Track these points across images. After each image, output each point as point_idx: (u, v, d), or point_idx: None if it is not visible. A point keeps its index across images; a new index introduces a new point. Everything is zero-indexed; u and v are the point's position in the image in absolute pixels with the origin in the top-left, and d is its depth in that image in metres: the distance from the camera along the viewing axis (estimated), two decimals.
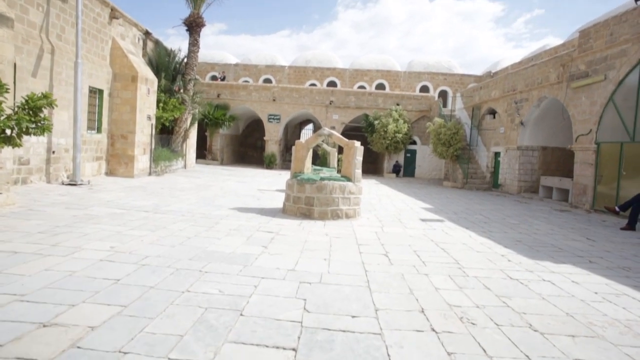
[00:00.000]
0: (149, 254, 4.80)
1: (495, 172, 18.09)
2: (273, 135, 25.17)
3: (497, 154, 18.03)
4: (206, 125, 23.96)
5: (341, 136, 8.76)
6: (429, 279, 4.56)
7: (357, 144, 8.58)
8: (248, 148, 31.05)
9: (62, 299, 3.23)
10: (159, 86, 15.80)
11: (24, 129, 6.38)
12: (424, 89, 30.44)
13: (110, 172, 13.57)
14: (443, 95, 30.26)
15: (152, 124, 14.78)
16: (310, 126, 34.21)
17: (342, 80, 30.93)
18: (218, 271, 4.34)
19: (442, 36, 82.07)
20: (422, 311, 3.51)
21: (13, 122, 6.31)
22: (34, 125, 6.52)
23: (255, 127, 29.56)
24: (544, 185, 14.63)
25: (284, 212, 8.72)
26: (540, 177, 15.42)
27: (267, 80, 30.85)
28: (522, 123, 15.56)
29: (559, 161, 16.00)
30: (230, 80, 29.92)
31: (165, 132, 17.92)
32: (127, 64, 13.34)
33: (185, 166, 19.24)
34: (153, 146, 15.11)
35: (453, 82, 30.67)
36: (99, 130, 12.92)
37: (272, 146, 25.16)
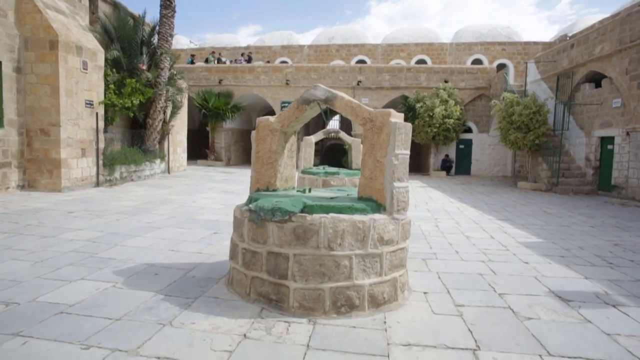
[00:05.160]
0: None
1: (603, 167, 12.18)
2: None
3: (605, 140, 12.12)
4: (204, 118, 19.54)
5: (354, 101, 3.70)
6: None
7: (396, 117, 3.48)
8: None
9: None
10: (108, 60, 11.35)
11: None
12: (477, 63, 24.37)
13: (29, 185, 9.27)
14: (501, 70, 24.07)
15: (97, 114, 10.35)
16: (337, 116, 29.09)
17: (373, 58, 25.51)
18: None
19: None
20: None
21: None
22: None
23: None
24: None
25: (230, 283, 3.79)
26: None
27: (283, 63, 26.03)
28: None
29: None
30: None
31: (139, 127, 13.56)
32: (42, 23, 8.93)
33: (168, 170, 14.83)
34: (103, 145, 10.70)
35: (514, 53, 24.34)
36: None
37: None
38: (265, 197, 3.60)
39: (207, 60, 22.85)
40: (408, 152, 3.55)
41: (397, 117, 3.48)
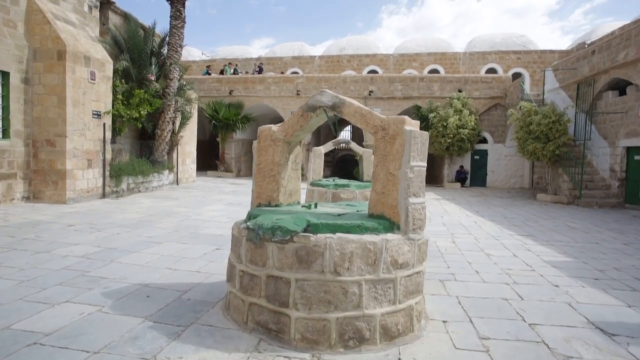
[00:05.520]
0: None
1: (630, 178, 11.53)
2: None
3: (632, 150, 11.50)
4: (214, 129, 19.46)
5: (364, 107, 3.37)
6: None
7: (411, 125, 3.12)
8: None
9: None
10: (118, 71, 11.30)
11: None
12: (491, 72, 23.88)
13: (35, 196, 9.13)
14: (516, 79, 23.51)
15: (104, 124, 10.24)
16: (348, 127, 28.85)
17: (385, 68, 25.26)
18: None
19: None
20: None
21: None
22: None
23: None
24: None
25: (226, 309, 3.44)
26: None
27: (294, 74, 25.95)
28: None
29: None
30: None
31: (147, 137, 13.46)
32: (51, 34, 8.89)
33: (177, 181, 14.67)
34: (110, 156, 10.56)
35: (529, 62, 23.79)
36: (5, 135, 8.51)
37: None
38: (265, 214, 3.25)
39: (222, 72, 22.88)
40: (425, 163, 3.18)
41: (412, 125, 3.12)
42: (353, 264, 2.83)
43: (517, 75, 23.75)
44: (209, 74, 22.52)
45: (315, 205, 3.75)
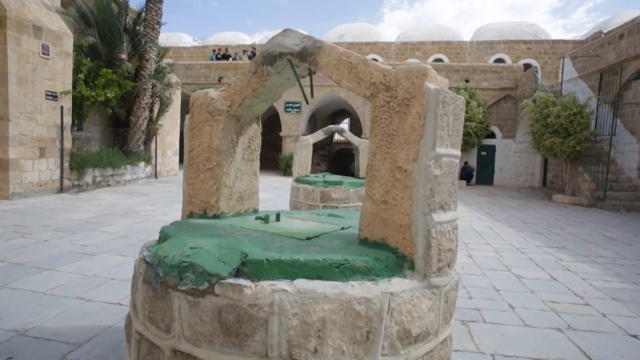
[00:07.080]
0: None
1: None
2: (292, 130, 18.73)
3: None
4: None
5: (354, 53, 2.10)
6: None
7: (436, 82, 1.74)
8: (267, 149, 24.84)
9: None
10: (84, 48, 9.89)
11: None
12: (499, 63, 22.45)
13: None
14: (527, 69, 22.10)
15: (62, 108, 8.84)
16: (347, 120, 27.42)
17: (386, 57, 23.79)
18: None
19: None
20: None
21: None
22: None
23: (276, 122, 23.30)
24: None
25: None
26: None
27: None
28: None
29: None
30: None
31: (122, 125, 12.05)
32: None
33: (155, 174, 13.29)
34: (70, 145, 9.18)
35: (540, 52, 22.35)
36: None
37: (292, 145, 18.70)
38: (180, 236, 1.89)
39: (234, 58, 21.60)
40: (459, 152, 1.82)
41: (437, 82, 1.75)
42: (326, 342, 1.47)
43: (527, 66, 22.28)
44: (218, 58, 21.26)
45: (278, 217, 2.38)
